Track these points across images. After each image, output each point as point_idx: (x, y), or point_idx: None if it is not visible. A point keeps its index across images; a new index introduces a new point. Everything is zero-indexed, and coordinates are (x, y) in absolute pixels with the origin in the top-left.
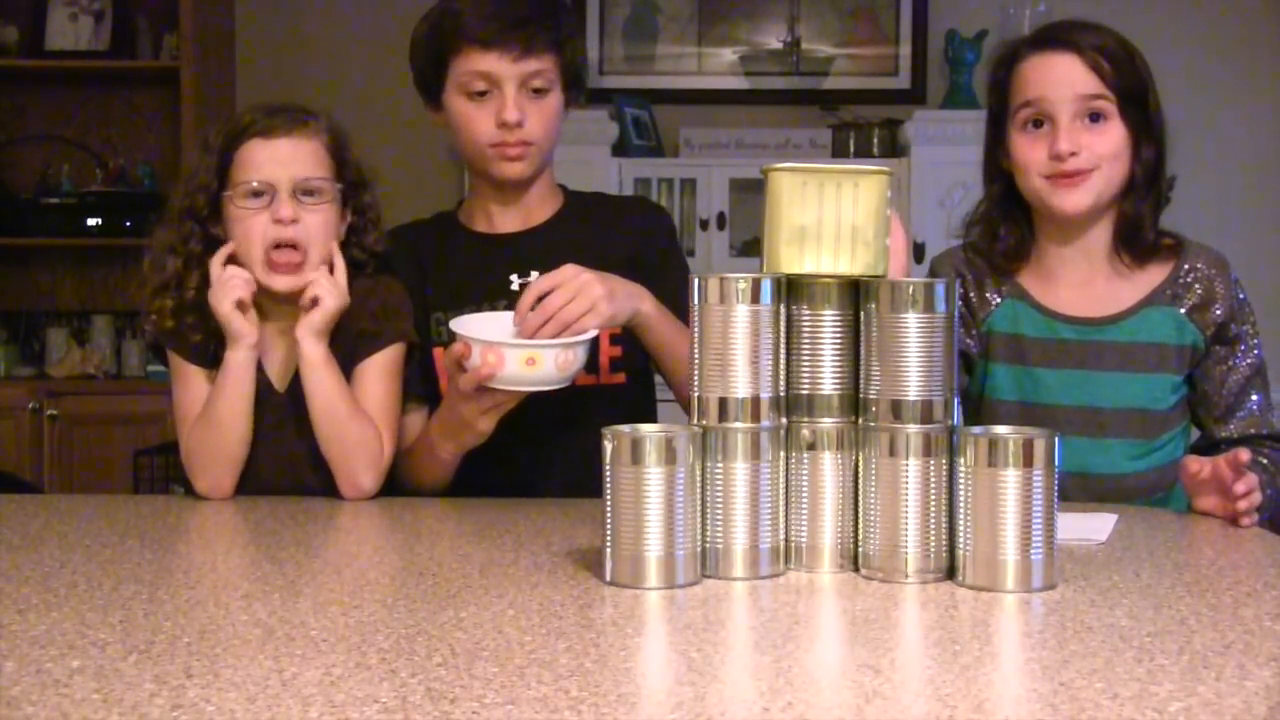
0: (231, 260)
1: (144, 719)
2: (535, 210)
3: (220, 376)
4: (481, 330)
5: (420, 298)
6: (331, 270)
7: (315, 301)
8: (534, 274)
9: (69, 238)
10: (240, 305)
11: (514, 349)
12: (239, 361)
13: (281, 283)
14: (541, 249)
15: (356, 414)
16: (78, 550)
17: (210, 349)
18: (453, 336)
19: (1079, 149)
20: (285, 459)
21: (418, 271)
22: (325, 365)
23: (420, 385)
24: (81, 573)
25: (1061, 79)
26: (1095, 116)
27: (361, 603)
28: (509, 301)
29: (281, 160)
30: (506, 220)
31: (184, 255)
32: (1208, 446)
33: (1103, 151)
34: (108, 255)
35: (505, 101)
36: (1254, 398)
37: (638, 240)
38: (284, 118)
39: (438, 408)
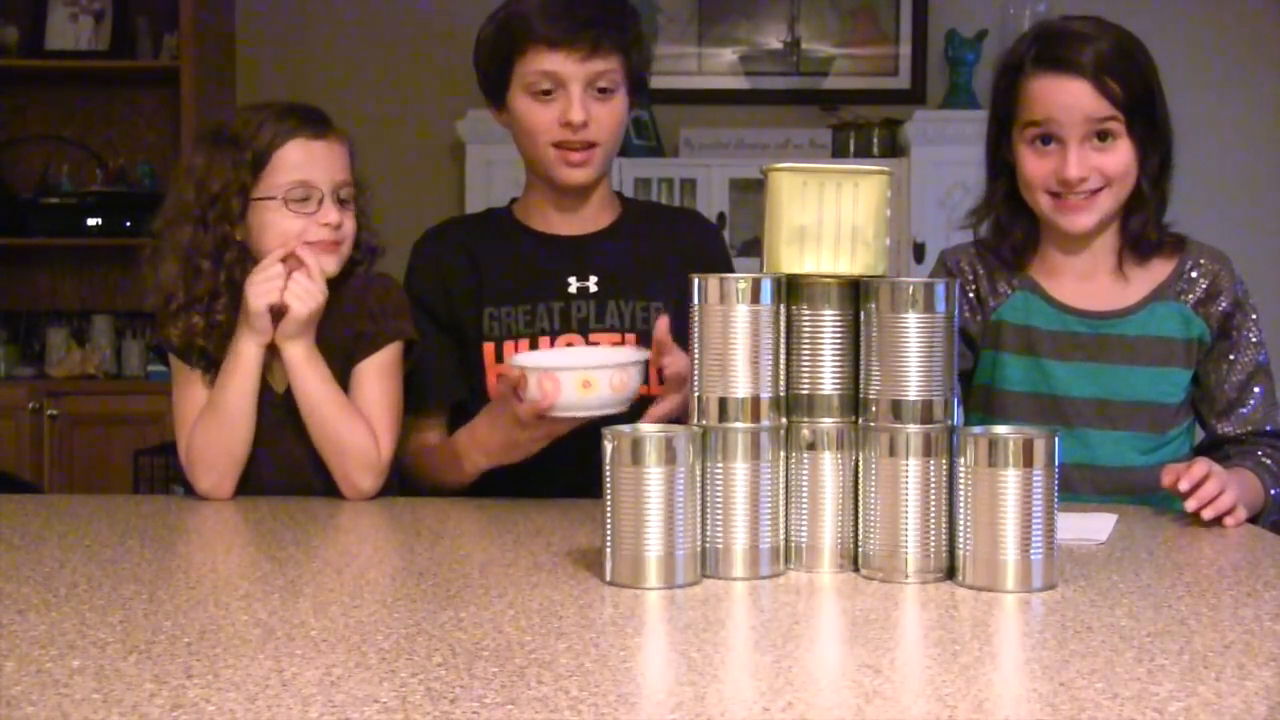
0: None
1: (144, 719)
2: (594, 215)
3: (230, 365)
4: (540, 361)
5: (470, 291)
6: (295, 270)
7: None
8: (592, 279)
9: (69, 238)
10: (270, 306)
11: (569, 373)
12: (249, 354)
13: (329, 264)
14: (600, 254)
15: (346, 415)
16: (78, 550)
17: (210, 350)
18: (504, 333)
19: (1088, 173)
20: (286, 460)
21: (469, 264)
22: (307, 364)
23: (452, 383)
24: (81, 573)
25: (1071, 104)
26: (1104, 135)
27: (361, 603)
28: (564, 304)
29: (322, 163)
30: (565, 223)
31: (220, 266)
32: (1210, 445)
33: (1112, 171)
34: (108, 255)
35: (571, 101)
36: (1256, 395)
37: (693, 253)
38: (317, 119)
39: (477, 410)
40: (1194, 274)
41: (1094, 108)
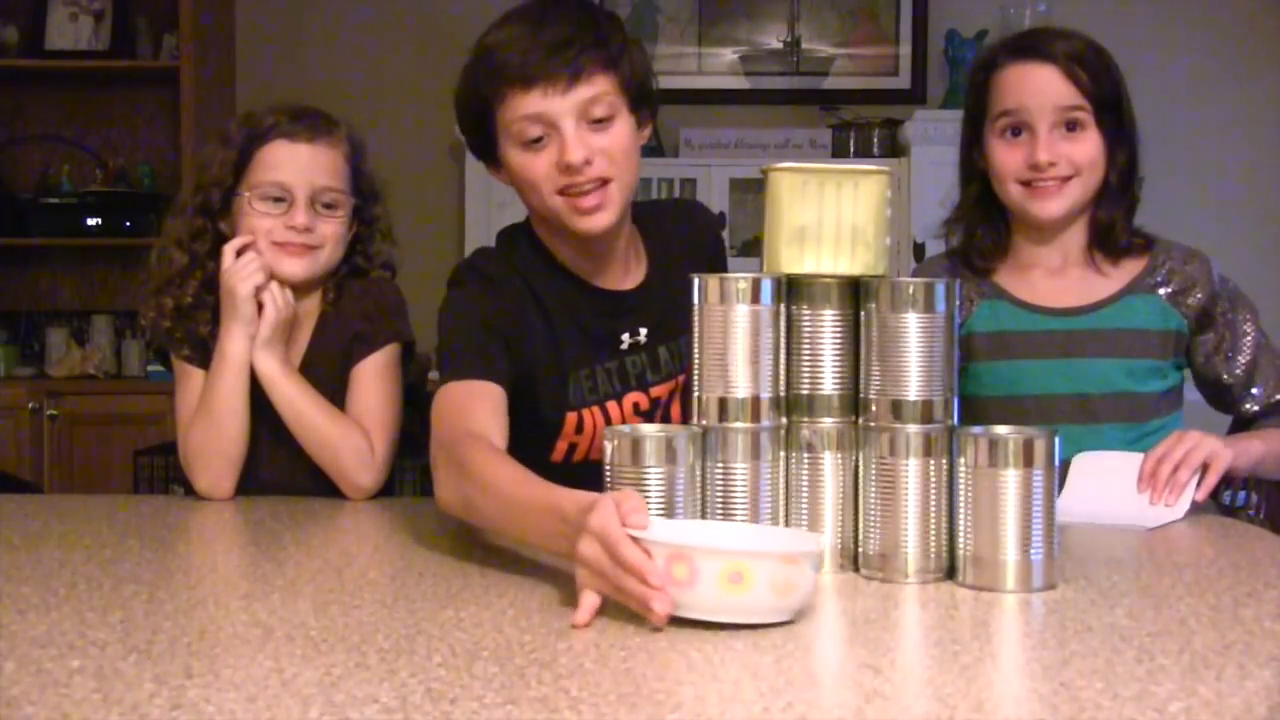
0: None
1: (144, 719)
2: (628, 259)
3: (218, 364)
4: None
5: (551, 354)
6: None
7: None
8: (642, 331)
9: (69, 238)
10: (256, 290)
11: (711, 560)
12: (237, 351)
13: (290, 266)
14: (648, 302)
15: (331, 416)
16: (78, 550)
17: (179, 335)
18: (579, 401)
19: (1057, 159)
20: (286, 458)
21: (545, 322)
22: (283, 377)
23: (500, 367)
24: (81, 573)
25: (1041, 90)
26: (1072, 125)
27: (361, 603)
28: (618, 362)
29: (302, 166)
30: (611, 276)
31: (189, 253)
32: (1239, 426)
33: (1080, 160)
34: (108, 255)
35: (565, 141)
36: (1265, 368)
37: (711, 246)
38: (309, 123)
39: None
40: (1166, 268)
41: (1063, 94)
